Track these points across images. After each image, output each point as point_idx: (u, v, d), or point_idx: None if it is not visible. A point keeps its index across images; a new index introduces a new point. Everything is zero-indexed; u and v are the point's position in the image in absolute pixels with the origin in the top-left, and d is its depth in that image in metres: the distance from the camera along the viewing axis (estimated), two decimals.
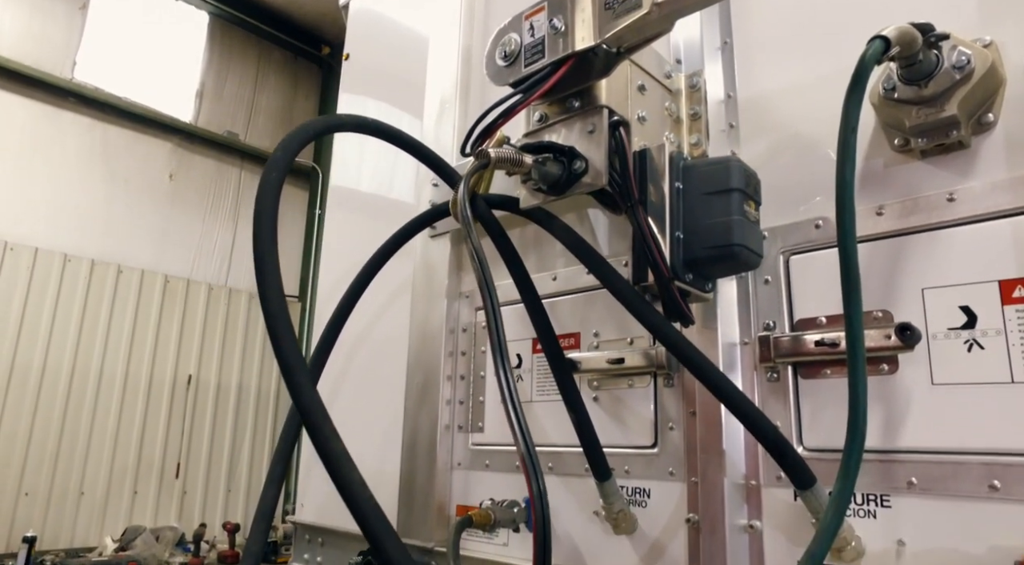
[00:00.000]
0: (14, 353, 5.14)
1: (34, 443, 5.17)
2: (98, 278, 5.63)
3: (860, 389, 0.84)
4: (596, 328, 1.51)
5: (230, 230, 6.64)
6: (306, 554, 2.10)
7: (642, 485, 1.36)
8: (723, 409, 1.25)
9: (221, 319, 6.26)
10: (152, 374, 5.83)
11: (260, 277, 0.93)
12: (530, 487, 0.89)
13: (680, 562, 1.27)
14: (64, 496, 5.29)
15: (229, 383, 6.26)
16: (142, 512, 5.67)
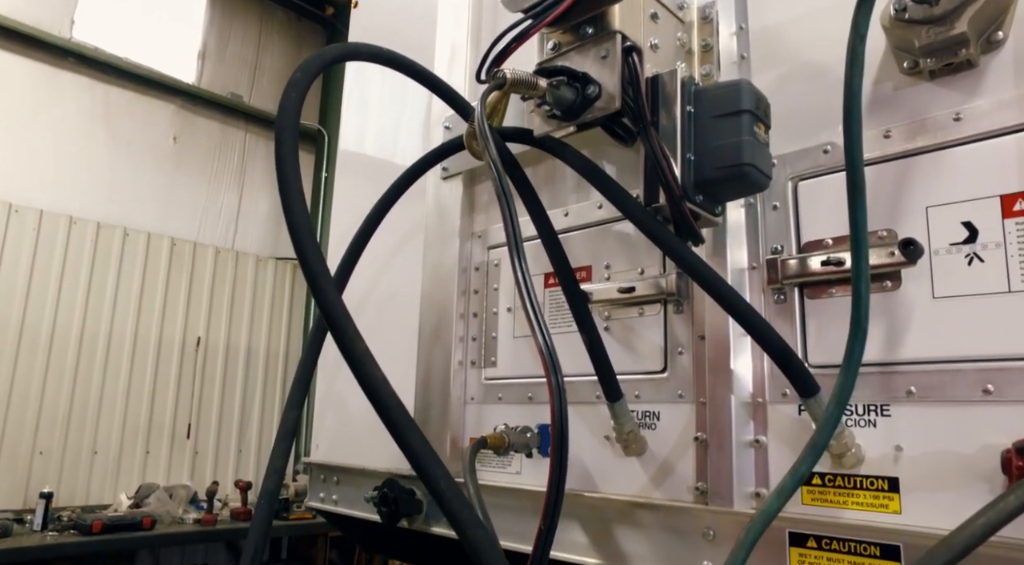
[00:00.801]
0: (23, 314, 5.20)
1: (47, 403, 5.26)
2: (104, 241, 5.67)
3: (863, 286, 0.87)
4: (607, 261, 1.55)
5: (235, 193, 6.66)
6: (321, 493, 2.16)
7: (652, 408, 1.41)
8: (731, 331, 1.29)
9: (228, 282, 6.31)
10: (161, 336, 5.90)
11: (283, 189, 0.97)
12: (549, 382, 0.93)
13: (688, 479, 1.33)
14: (78, 455, 5.40)
15: (238, 345, 6.34)
16: (155, 471, 5.79)
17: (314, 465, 2.20)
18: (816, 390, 1.06)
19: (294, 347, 6.76)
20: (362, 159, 2.43)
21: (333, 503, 2.09)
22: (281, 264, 6.82)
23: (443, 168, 1.91)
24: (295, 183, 0.93)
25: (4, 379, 5.07)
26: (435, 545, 1.91)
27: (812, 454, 0.90)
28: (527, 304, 0.97)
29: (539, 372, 1.63)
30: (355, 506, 1.98)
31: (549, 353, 0.95)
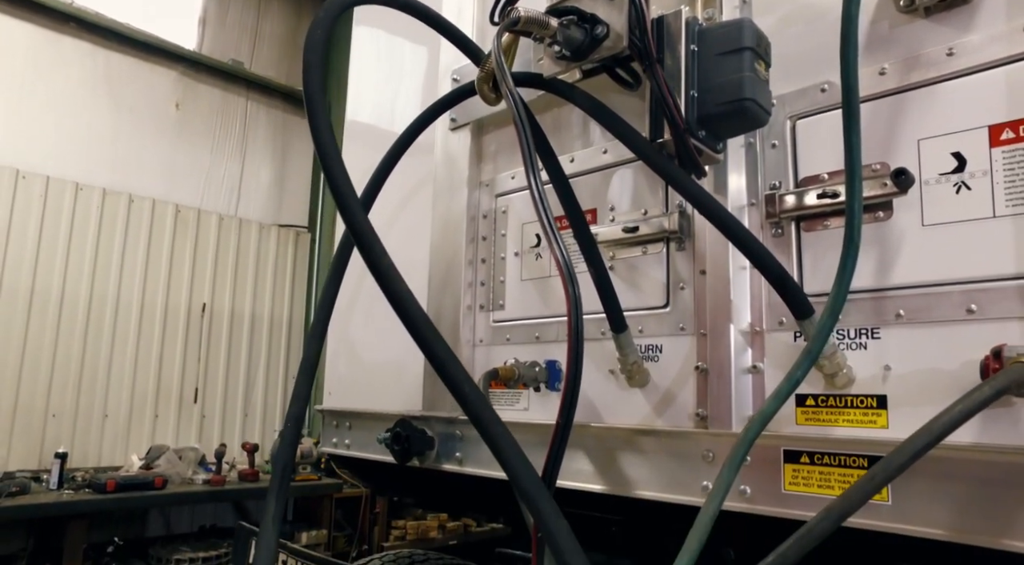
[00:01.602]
0: (32, 280, 5.26)
1: (58, 367, 5.35)
2: (110, 207, 5.71)
3: (856, 203, 0.93)
4: (612, 203, 1.61)
5: (238, 161, 6.67)
6: (334, 438, 2.25)
7: (655, 342, 1.48)
8: (731, 264, 1.35)
9: (232, 249, 6.36)
10: (167, 302, 5.96)
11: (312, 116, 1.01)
12: (567, 290, 0.99)
13: (689, 406, 1.40)
14: (89, 418, 5.50)
15: (242, 312, 6.41)
16: (163, 434, 5.90)
17: (327, 411, 2.28)
18: (811, 312, 1.13)
19: (297, 314, 6.84)
20: (369, 128, 2.46)
21: (346, 447, 2.17)
22: (284, 231, 6.86)
23: (451, 119, 1.96)
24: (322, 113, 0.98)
25: (16, 343, 5.15)
26: (445, 484, 1.99)
27: (807, 360, 0.97)
28: (543, 218, 1.02)
29: (545, 313, 1.71)
30: (367, 449, 2.07)
31: (566, 263, 1.01)
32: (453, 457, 1.77)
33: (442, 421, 1.82)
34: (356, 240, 0.95)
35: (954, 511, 1.02)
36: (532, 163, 1.02)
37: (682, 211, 1.46)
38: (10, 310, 5.15)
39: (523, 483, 0.80)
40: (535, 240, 1.76)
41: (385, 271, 0.92)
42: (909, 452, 0.83)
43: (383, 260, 0.94)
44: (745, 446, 0.96)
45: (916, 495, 1.05)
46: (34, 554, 4.53)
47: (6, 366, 5.10)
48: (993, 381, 0.86)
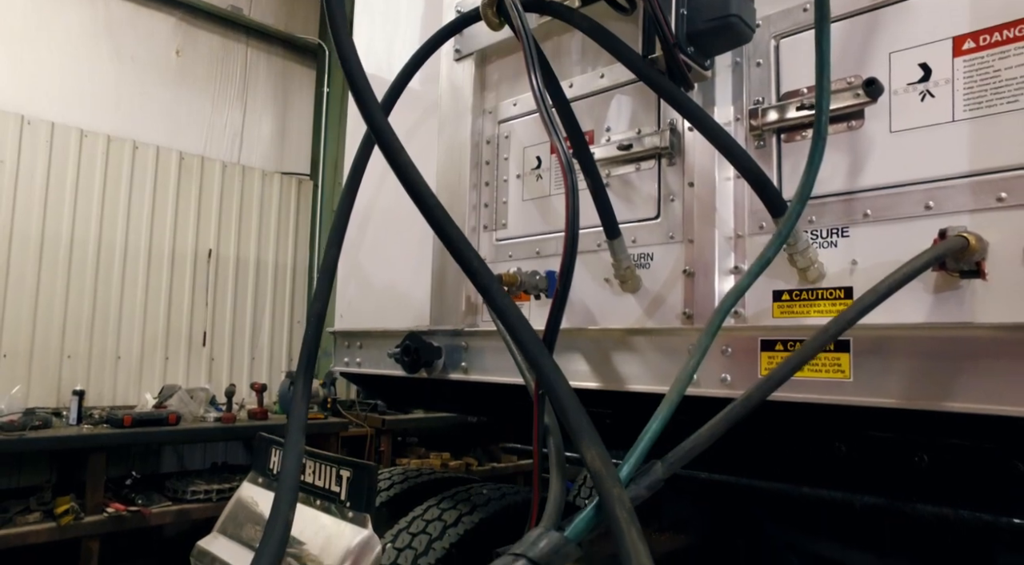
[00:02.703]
0: (42, 226, 5.36)
1: (71, 309, 5.49)
2: (115, 153, 5.76)
3: (824, 103, 1.04)
4: (608, 124, 1.72)
5: (239, 108, 6.69)
6: (346, 358, 2.39)
7: (646, 250, 1.60)
8: (717, 176, 1.47)
9: (236, 196, 6.44)
10: (174, 248, 6.07)
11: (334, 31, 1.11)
12: (565, 181, 1.10)
13: (677, 307, 1.53)
14: (103, 359, 5.67)
15: (248, 258, 6.53)
16: (174, 376, 6.08)
17: (338, 333, 2.42)
18: (786, 209, 1.24)
19: (301, 260, 6.96)
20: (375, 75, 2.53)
21: (357, 365, 2.32)
22: (286, 179, 6.93)
23: (456, 50, 2.04)
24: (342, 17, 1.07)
25: (29, 287, 5.28)
26: (450, 393, 2.14)
27: (777, 241, 1.09)
28: (543, 110, 1.13)
29: (545, 229, 1.83)
30: (378, 365, 2.21)
31: (564, 153, 1.11)
32: (459, 367, 1.91)
33: (448, 334, 1.95)
34: (376, 136, 1.05)
35: (905, 383, 1.16)
36: (534, 64, 1.13)
37: (673, 129, 1.57)
38: (22, 254, 5.26)
39: (524, 340, 0.92)
40: (536, 163, 1.87)
41: (404, 165, 1.03)
42: (858, 308, 0.96)
43: (403, 157, 1.04)
44: (721, 315, 1.09)
45: (873, 372, 1.19)
46: (58, 486, 4.74)
47: (21, 308, 5.24)
48: (932, 249, 0.98)
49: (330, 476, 1.88)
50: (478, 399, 1.99)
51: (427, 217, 1.06)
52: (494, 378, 1.82)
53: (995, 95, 1.14)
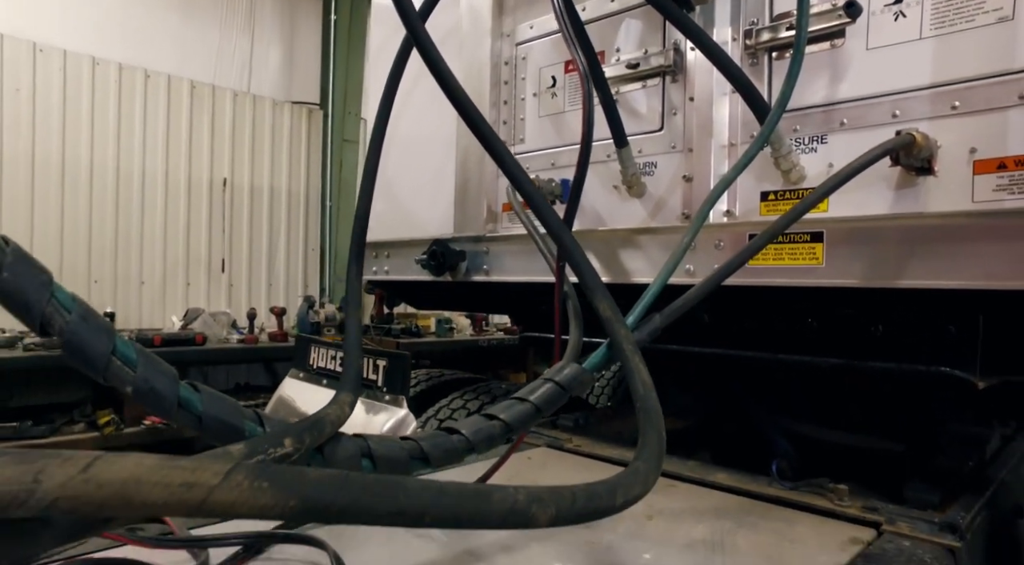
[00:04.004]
0: (62, 153, 5.52)
1: (94, 236, 5.71)
2: (127, 81, 5.86)
3: (804, 19, 1.22)
4: (618, 45, 1.88)
5: (247, 36, 6.73)
6: (374, 267, 2.62)
7: (651, 159, 1.80)
8: (715, 91, 1.65)
9: (248, 126, 6.56)
10: (190, 176, 6.24)
11: None
12: (581, 76, 1.29)
13: (677, 210, 1.74)
14: (128, 284, 5.93)
15: (262, 186, 6.70)
16: (196, 301, 6.36)
17: (367, 244, 2.63)
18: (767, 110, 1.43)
19: (313, 188, 7.13)
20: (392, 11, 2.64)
21: (385, 274, 2.55)
22: (296, 108, 7.02)
23: None
24: None
25: (54, 213, 5.48)
26: (470, 294, 2.38)
27: (759, 140, 1.29)
28: (564, 27, 1.31)
29: (560, 142, 2.01)
30: (405, 271, 2.44)
31: (582, 63, 1.29)
32: (481, 270, 2.14)
33: (470, 240, 2.17)
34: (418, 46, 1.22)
35: (867, 266, 1.37)
36: None
37: (676, 49, 1.74)
38: (45, 182, 5.44)
39: (549, 219, 1.13)
40: (551, 82, 2.04)
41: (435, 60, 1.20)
42: (821, 191, 1.17)
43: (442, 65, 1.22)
44: (711, 203, 1.29)
45: (842, 258, 1.41)
46: (95, 401, 5.07)
47: (47, 234, 5.46)
48: (882, 144, 1.18)
49: (368, 367, 2.13)
50: (496, 298, 2.22)
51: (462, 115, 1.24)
52: (513, 278, 2.04)
53: (956, 15, 1.31)
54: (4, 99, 5.19)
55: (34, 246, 5.40)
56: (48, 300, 0.70)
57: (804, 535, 1.21)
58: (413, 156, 2.47)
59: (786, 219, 1.18)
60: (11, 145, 5.06)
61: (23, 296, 0.67)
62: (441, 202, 2.32)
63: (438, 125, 2.31)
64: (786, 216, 1.18)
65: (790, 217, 1.17)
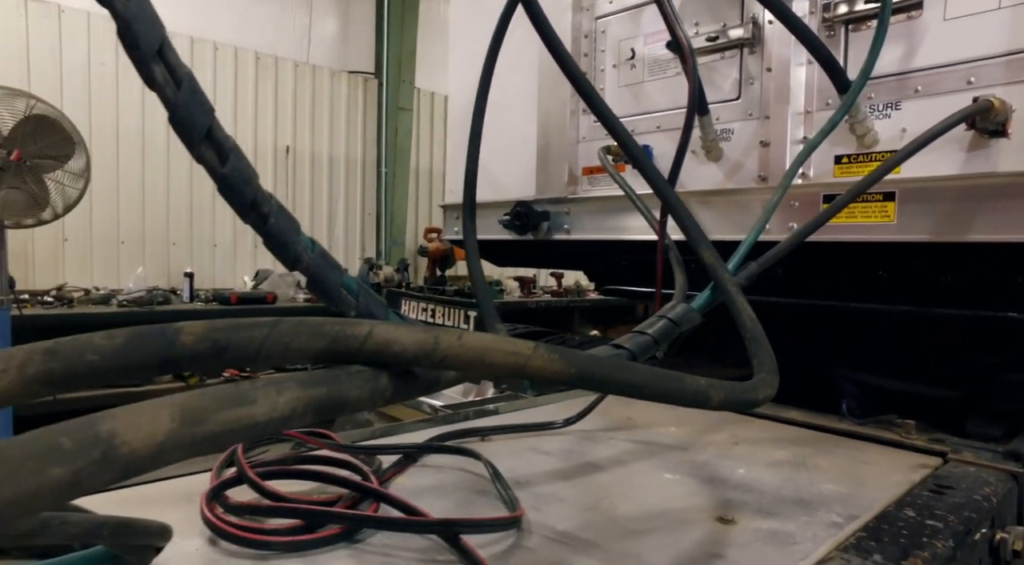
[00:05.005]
0: (142, 122, 5.83)
1: (172, 202, 6.05)
2: (198, 54, 6.12)
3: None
4: (696, 19, 2.00)
5: (305, 8, 6.91)
6: (455, 227, 2.81)
7: (728, 126, 1.93)
8: (792, 61, 1.77)
9: (308, 95, 6.79)
10: (256, 144, 6.52)
11: None
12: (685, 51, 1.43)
13: (753, 173, 1.88)
14: (202, 246, 6.28)
15: (321, 154, 6.95)
16: (263, 262, 6.69)
17: (449, 206, 2.83)
18: (849, 86, 1.56)
19: (369, 155, 7.35)
20: None
21: None
22: (353, 78, 7.21)
23: None
24: None
25: (135, 181, 5.82)
26: (550, 252, 2.56)
27: (842, 108, 1.42)
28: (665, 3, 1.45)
29: (637, 110, 2.15)
30: (488, 232, 2.62)
31: (686, 38, 1.43)
32: (562, 229, 2.31)
33: (552, 201, 2.34)
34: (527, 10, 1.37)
35: (937, 222, 1.51)
36: None
37: (755, 22, 1.85)
38: (128, 151, 5.77)
39: (652, 175, 1.29)
40: (630, 54, 2.17)
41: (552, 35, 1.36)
42: (904, 152, 1.30)
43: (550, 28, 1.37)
44: (798, 164, 1.44)
45: (913, 214, 1.54)
46: None
47: (131, 201, 5.81)
48: (961, 110, 1.31)
49: (457, 318, 2.34)
50: (574, 255, 2.40)
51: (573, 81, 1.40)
52: (593, 236, 2.21)
53: None
54: (92, 74, 5.50)
55: (120, 211, 5.75)
56: (298, 241, 0.90)
57: (876, 459, 1.37)
58: (493, 123, 2.62)
59: (869, 179, 1.32)
60: (98, 118, 5.37)
61: (283, 238, 0.86)
62: (518, 166, 2.48)
63: (517, 94, 2.46)
64: (869, 176, 1.32)
65: (873, 177, 1.31)
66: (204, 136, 0.85)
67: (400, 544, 0.91)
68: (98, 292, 5.06)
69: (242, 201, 0.89)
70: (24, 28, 5.17)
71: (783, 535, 0.99)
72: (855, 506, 1.09)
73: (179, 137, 0.89)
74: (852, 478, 1.25)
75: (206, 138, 0.86)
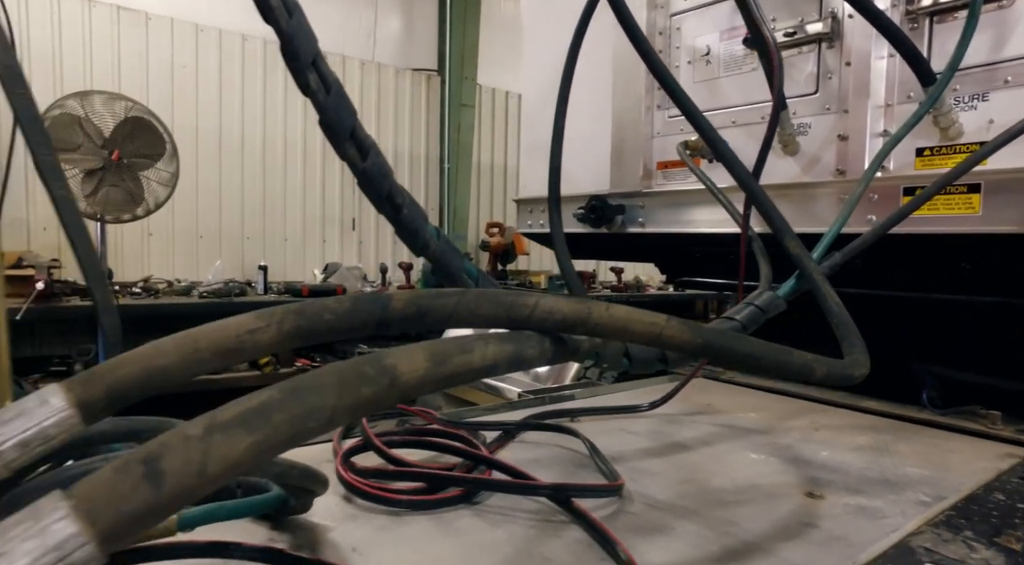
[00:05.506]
0: (219, 122, 6.13)
1: (246, 198, 6.34)
2: (271, 55, 6.38)
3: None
4: (773, 15, 2.03)
5: (371, 7, 7.11)
6: (529, 221, 2.90)
7: (805, 121, 1.95)
8: (872, 55, 1.79)
9: (374, 92, 6.99)
10: (324, 141, 6.74)
11: None
12: (770, 47, 1.48)
13: (830, 167, 1.90)
14: (273, 240, 6.56)
15: (387, 149, 7.14)
16: (331, 256, 6.94)
17: (523, 200, 2.92)
18: (934, 80, 1.57)
19: (432, 151, 7.52)
20: None
21: (540, 227, 2.83)
22: (416, 75, 7.38)
23: None
24: None
25: (213, 178, 6.12)
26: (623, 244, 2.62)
27: (929, 101, 1.44)
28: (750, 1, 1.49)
29: (713, 105, 2.20)
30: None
31: (771, 35, 1.48)
32: (636, 222, 2.37)
33: (626, 195, 2.40)
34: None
35: (1022, 213, 1.51)
36: None
37: (834, 16, 1.88)
38: (206, 150, 6.07)
39: (737, 169, 1.35)
40: (705, 50, 2.21)
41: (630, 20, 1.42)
42: (996, 143, 1.32)
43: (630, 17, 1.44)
44: (881, 157, 1.47)
45: (999, 206, 1.55)
46: None
47: (209, 197, 6.11)
48: None
49: None
50: (647, 248, 2.46)
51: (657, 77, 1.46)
52: (667, 229, 2.27)
53: None
54: (175, 76, 5.81)
55: (199, 207, 6.06)
56: (426, 230, 1.00)
57: (960, 448, 1.40)
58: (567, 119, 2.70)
59: (957, 171, 1.34)
60: (180, 118, 5.67)
61: (414, 226, 0.97)
62: (592, 161, 2.55)
63: (591, 90, 2.53)
64: (956, 168, 1.35)
65: (962, 168, 1.34)
66: (349, 135, 0.97)
67: (514, 506, 1.00)
68: (180, 284, 5.35)
69: (379, 193, 1.00)
70: (116, 35, 5.50)
71: (872, 510, 1.04)
72: (942, 488, 1.13)
73: (326, 136, 1.01)
74: (936, 464, 1.28)
75: (350, 137, 0.97)
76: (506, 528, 0.94)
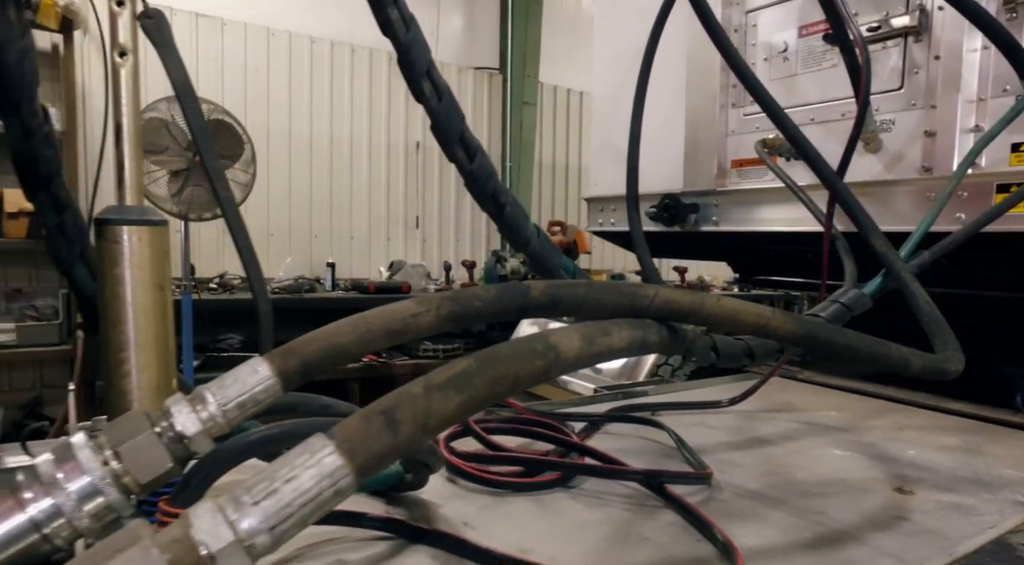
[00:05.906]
0: (288, 123, 6.34)
1: (314, 197, 6.54)
2: (337, 57, 6.57)
3: None
4: (855, 10, 2.00)
5: (434, 7, 7.23)
6: (599, 219, 2.93)
7: (888, 117, 1.93)
8: (964, 48, 1.75)
9: None
10: (388, 141, 6.91)
11: None
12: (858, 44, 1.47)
13: (916, 164, 1.87)
14: (340, 238, 6.75)
15: None
16: (395, 253, 7.09)
17: (593, 199, 2.95)
18: None
19: (495, 150, 7.61)
20: None
21: (611, 225, 2.85)
22: (479, 74, 7.47)
23: None
24: None
25: (283, 179, 6.35)
26: (695, 243, 2.62)
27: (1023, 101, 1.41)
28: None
29: (791, 103, 2.18)
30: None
31: (857, 31, 1.47)
32: (710, 221, 2.37)
33: (699, 194, 2.41)
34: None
35: None
36: None
37: (922, 9, 1.84)
38: (277, 149, 6.30)
39: (819, 163, 1.35)
40: (783, 46, 2.20)
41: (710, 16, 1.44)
42: None
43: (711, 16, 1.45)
44: (975, 153, 1.45)
45: None
46: None
47: (280, 196, 6.34)
48: None
49: None
50: (719, 246, 2.46)
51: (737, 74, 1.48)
52: (741, 228, 2.27)
53: None
54: (248, 79, 6.05)
55: (271, 205, 6.29)
56: (528, 227, 1.04)
57: None
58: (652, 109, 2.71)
59: None
60: (253, 119, 5.89)
61: (516, 224, 1.02)
62: (665, 160, 2.56)
63: (664, 89, 2.53)
64: None
65: None
66: (458, 138, 1.03)
67: (608, 490, 1.05)
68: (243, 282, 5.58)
69: (484, 193, 1.06)
70: (194, 41, 5.76)
71: (966, 507, 1.04)
72: None
73: (437, 140, 1.07)
74: None
75: (459, 140, 1.03)
76: (602, 510, 0.98)
